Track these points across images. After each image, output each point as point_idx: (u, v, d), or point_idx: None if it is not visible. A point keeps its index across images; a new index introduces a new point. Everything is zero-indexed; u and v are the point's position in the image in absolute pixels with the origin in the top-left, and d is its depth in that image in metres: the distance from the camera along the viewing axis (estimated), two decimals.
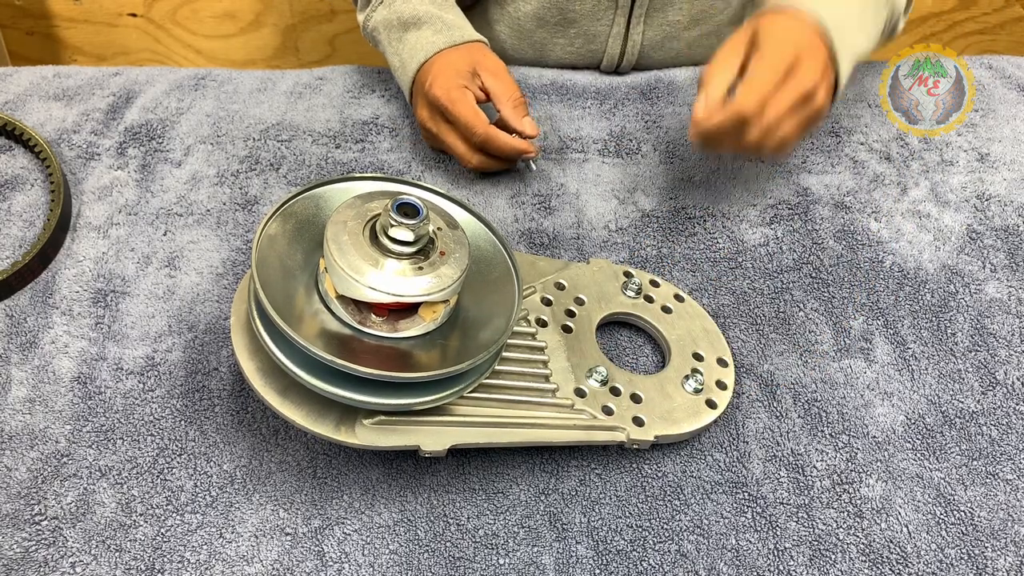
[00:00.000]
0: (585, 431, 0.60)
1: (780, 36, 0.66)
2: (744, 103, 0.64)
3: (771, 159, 0.67)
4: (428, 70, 0.77)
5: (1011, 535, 0.60)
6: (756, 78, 0.64)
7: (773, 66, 0.64)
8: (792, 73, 0.65)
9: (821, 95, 0.66)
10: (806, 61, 0.65)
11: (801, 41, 0.66)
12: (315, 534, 0.57)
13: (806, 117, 0.66)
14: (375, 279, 0.53)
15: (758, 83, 0.64)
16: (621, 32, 0.90)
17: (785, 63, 0.64)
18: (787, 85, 0.64)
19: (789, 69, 0.64)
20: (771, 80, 0.64)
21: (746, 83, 0.64)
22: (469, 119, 0.74)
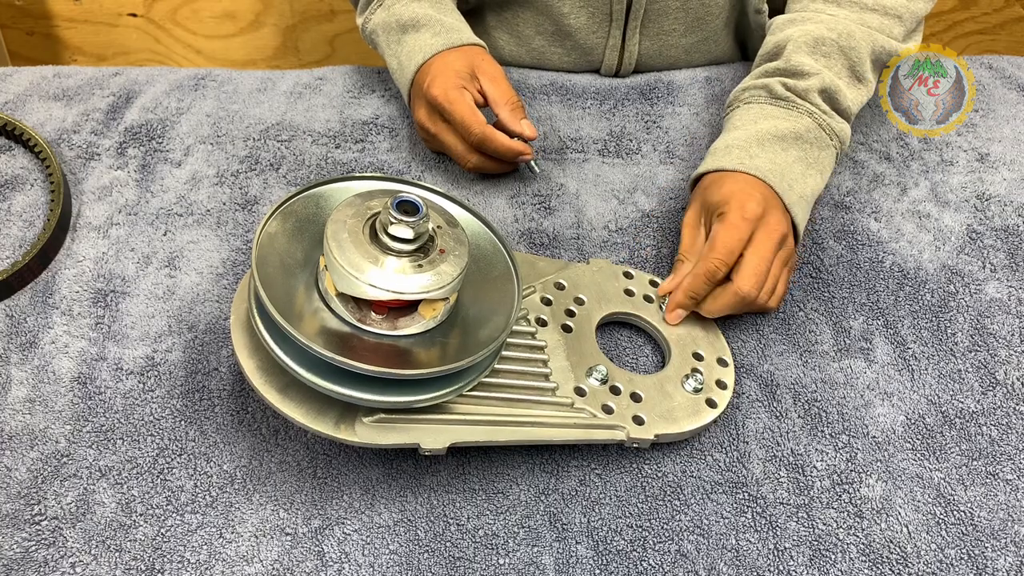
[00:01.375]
0: (585, 430, 0.60)
1: (736, 194, 0.68)
2: (712, 267, 0.66)
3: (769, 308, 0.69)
4: (427, 71, 0.77)
5: (1011, 535, 0.60)
6: (724, 239, 0.66)
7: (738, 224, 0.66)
8: (763, 221, 0.67)
9: (790, 238, 0.69)
10: (771, 211, 0.68)
11: (755, 195, 0.68)
12: (315, 534, 0.57)
13: (786, 260, 0.69)
14: (375, 277, 0.53)
15: (726, 244, 0.66)
16: (617, 44, 0.90)
17: (748, 220, 0.67)
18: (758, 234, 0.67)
19: (754, 222, 0.67)
20: (737, 237, 0.66)
21: (714, 246, 0.66)
22: (466, 118, 0.74)
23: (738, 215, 0.67)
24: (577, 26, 0.89)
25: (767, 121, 0.74)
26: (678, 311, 0.68)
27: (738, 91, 0.78)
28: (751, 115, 0.75)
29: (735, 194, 0.68)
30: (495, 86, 0.77)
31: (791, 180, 0.71)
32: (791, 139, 0.73)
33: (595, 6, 0.87)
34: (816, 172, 0.73)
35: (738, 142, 0.72)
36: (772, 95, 0.75)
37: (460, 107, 0.74)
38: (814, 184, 0.73)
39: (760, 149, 0.72)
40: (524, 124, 0.76)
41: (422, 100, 0.77)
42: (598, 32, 0.89)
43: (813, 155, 0.73)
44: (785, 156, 0.72)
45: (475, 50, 0.80)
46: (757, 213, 0.67)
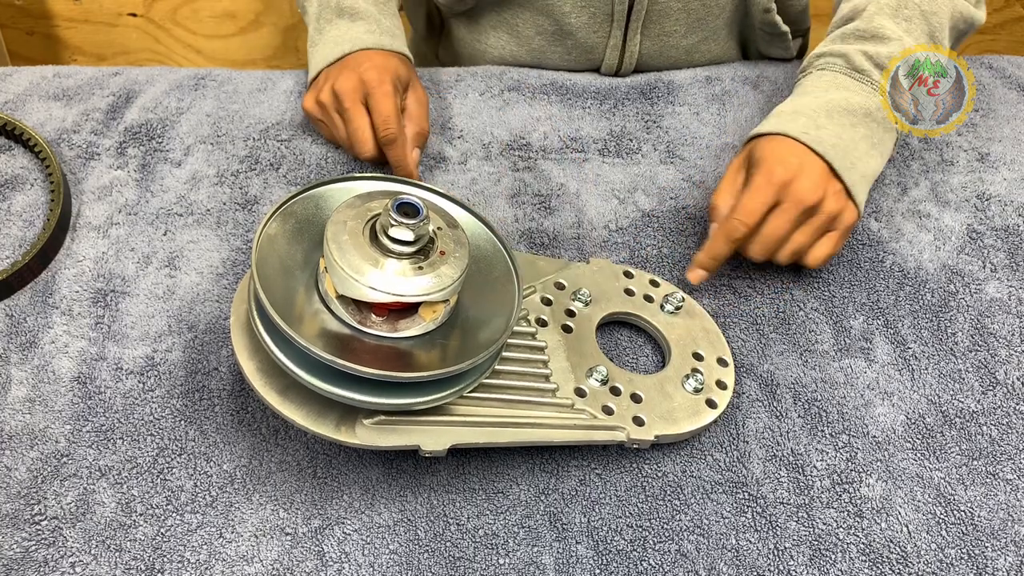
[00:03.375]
0: (585, 431, 0.60)
1: (772, 159, 0.68)
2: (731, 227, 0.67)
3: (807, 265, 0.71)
4: (368, 56, 0.77)
5: (1011, 535, 0.60)
6: (745, 202, 0.67)
7: (763, 187, 0.67)
8: (787, 191, 0.67)
9: (830, 205, 0.68)
10: (800, 179, 0.67)
11: (792, 162, 0.68)
12: (315, 534, 0.57)
13: (817, 227, 0.68)
14: (375, 279, 0.53)
15: (746, 205, 0.67)
16: (618, 44, 0.90)
17: (777, 182, 0.67)
18: (784, 203, 0.67)
19: (782, 187, 0.67)
20: (761, 200, 0.67)
21: (736, 207, 0.68)
22: (391, 113, 0.74)
23: (765, 178, 0.67)
24: (578, 25, 0.89)
25: (839, 92, 0.72)
26: (698, 271, 0.69)
27: (812, 56, 0.77)
28: (824, 82, 0.74)
29: (769, 156, 0.68)
30: (418, 108, 0.79)
31: (855, 158, 0.70)
32: (861, 115, 0.71)
33: (596, 6, 0.87)
34: (878, 154, 0.72)
35: (807, 109, 0.71)
36: (850, 64, 0.73)
37: (389, 101, 0.75)
38: (876, 165, 0.72)
39: (828, 120, 0.70)
40: (413, 156, 0.77)
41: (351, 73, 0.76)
42: (599, 32, 0.89)
43: (879, 135, 0.72)
44: (853, 133, 0.70)
45: (408, 65, 0.81)
46: (785, 178, 0.67)
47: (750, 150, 0.71)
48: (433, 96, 0.86)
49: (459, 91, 0.87)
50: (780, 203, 0.67)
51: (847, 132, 0.70)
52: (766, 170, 0.67)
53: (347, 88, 0.75)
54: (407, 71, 0.79)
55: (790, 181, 0.67)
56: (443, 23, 1.02)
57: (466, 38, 0.97)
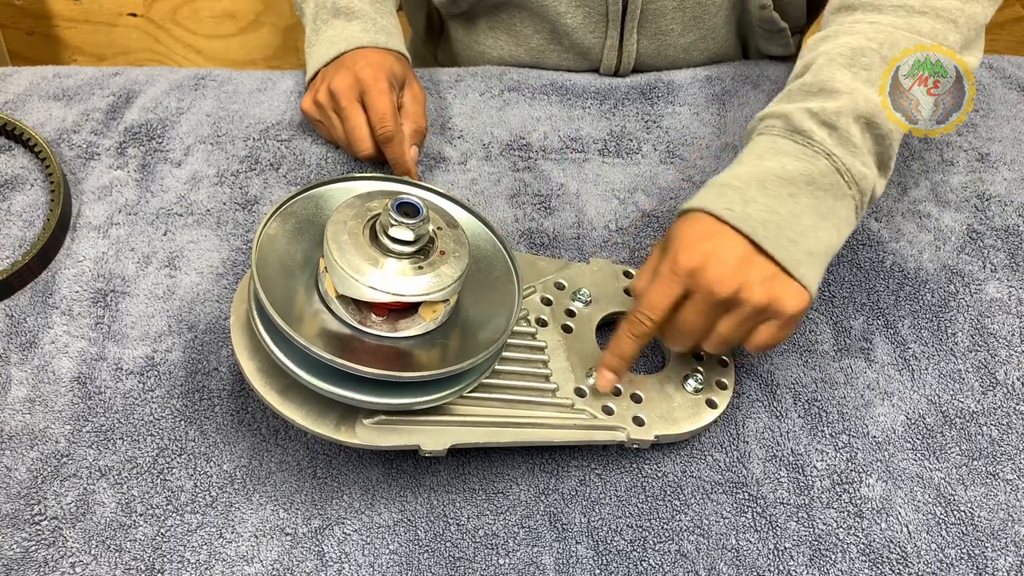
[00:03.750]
0: (585, 431, 0.60)
1: (679, 244, 0.59)
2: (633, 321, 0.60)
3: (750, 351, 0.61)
4: (364, 55, 0.77)
5: (1011, 535, 0.60)
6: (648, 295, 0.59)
7: (667, 278, 0.59)
8: (695, 281, 0.58)
9: (754, 296, 0.57)
10: (710, 267, 0.57)
11: (701, 248, 0.58)
12: (315, 534, 0.57)
13: (744, 318, 0.58)
14: (375, 279, 0.53)
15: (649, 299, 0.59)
16: (615, 44, 0.90)
17: (682, 272, 0.58)
18: (694, 295, 0.58)
19: (689, 276, 0.58)
20: (664, 292, 0.59)
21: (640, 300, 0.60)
22: (387, 111, 0.74)
23: (669, 267, 0.59)
24: (573, 26, 0.89)
25: (776, 159, 0.62)
26: (606, 373, 0.61)
27: (757, 118, 0.67)
28: (760, 148, 0.64)
29: (678, 240, 0.60)
30: (414, 106, 0.79)
31: (795, 234, 0.59)
32: (802, 183, 0.61)
33: (591, 6, 0.87)
34: (831, 225, 0.61)
35: (737, 180, 0.61)
36: (788, 125, 0.63)
37: (386, 98, 0.74)
38: (827, 238, 0.61)
39: (760, 192, 0.60)
40: (411, 154, 0.77)
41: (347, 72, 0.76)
42: (595, 32, 0.89)
43: (827, 205, 0.61)
44: (792, 205, 0.60)
45: (404, 62, 0.81)
46: (690, 266, 0.58)
47: (670, 228, 0.62)
48: (433, 96, 0.86)
49: (459, 91, 0.87)
50: (691, 294, 0.58)
51: (784, 205, 0.60)
52: (671, 258, 0.59)
53: (343, 87, 0.75)
54: (403, 68, 0.79)
55: (698, 269, 0.57)
56: (443, 25, 1.02)
57: (464, 40, 0.97)
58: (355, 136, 0.75)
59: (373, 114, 0.74)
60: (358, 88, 0.75)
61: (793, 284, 0.59)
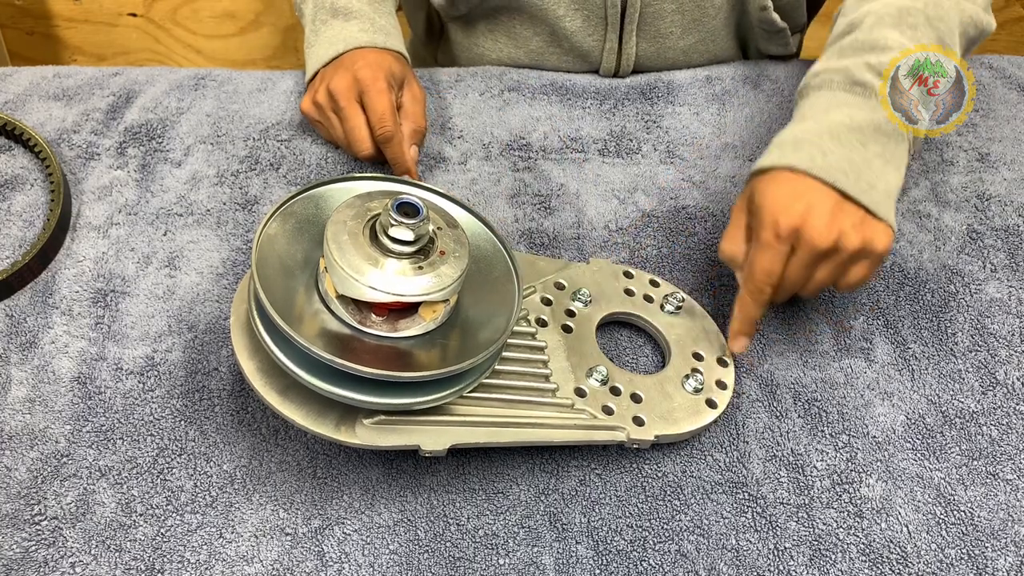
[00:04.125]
0: (585, 431, 0.60)
1: (775, 207, 0.62)
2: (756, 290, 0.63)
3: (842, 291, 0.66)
4: (362, 55, 0.77)
5: (1011, 535, 0.60)
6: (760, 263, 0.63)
7: (772, 244, 0.62)
8: (798, 238, 0.62)
9: (850, 243, 0.62)
10: (809, 223, 0.61)
11: (796, 208, 0.62)
12: (315, 534, 0.57)
13: (839, 263, 0.63)
14: (375, 279, 0.53)
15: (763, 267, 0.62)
16: (615, 47, 0.90)
17: (785, 235, 0.62)
18: (798, 251, 0.62)
19: (791, 236, 0.62)
20: (773, 258, 0.62)
21: (753, 270, 0.63)
22: (386, 111, 0.74)
23: (772, 232, 0.62)
24: (573, 29, 0.89)
25: (842, 111, 0.66)
26: (741, 339, 0.66)
27: (810, 75, 0.71)
28: (824, 102, 0.67)
29: (772, 203, 0.63)
30: (414, 106, 0.79)
31: (872, 179, 0.64)
32: (870, 131, 0.65)
33: (590, 9, 0.87)
34: (894, 168, 0.66)
35: (810, 135, 0.65)
36: (849, 79, 0.67)
37: (384, 98, 0.75)
38: (895, 180, 0.66)
39: (835, 144, 0.64)
40: (411, 153, 0.77)
41: (345, 72, 0.76)
42: (594, 35, 0.89)
43: (891, 149, 0.66)
44: (864, 152, 0.64)
45: (403, 62, 0.81)
46: (791, 227, 0.61)
47: (751, 191, 0.65)
48: (433, 96, 0.86)
49: (459, 91, 0.87)
50: (794, 251, 0.62)
51: (858, 153, 0.64)
52: (771, 222, 0.62)
53: (342, 87, 0.75)
54: (402, 68, 0.79)
55: (799, 228, 0.61)
56: (442, 27, 1.02)
57: (464, 42, 0.97)
58: (354, 136, 0.75)
59: (372, 114, 0.74)
60: (357, 88, 0.75)
61: (879, 224, 0.63)
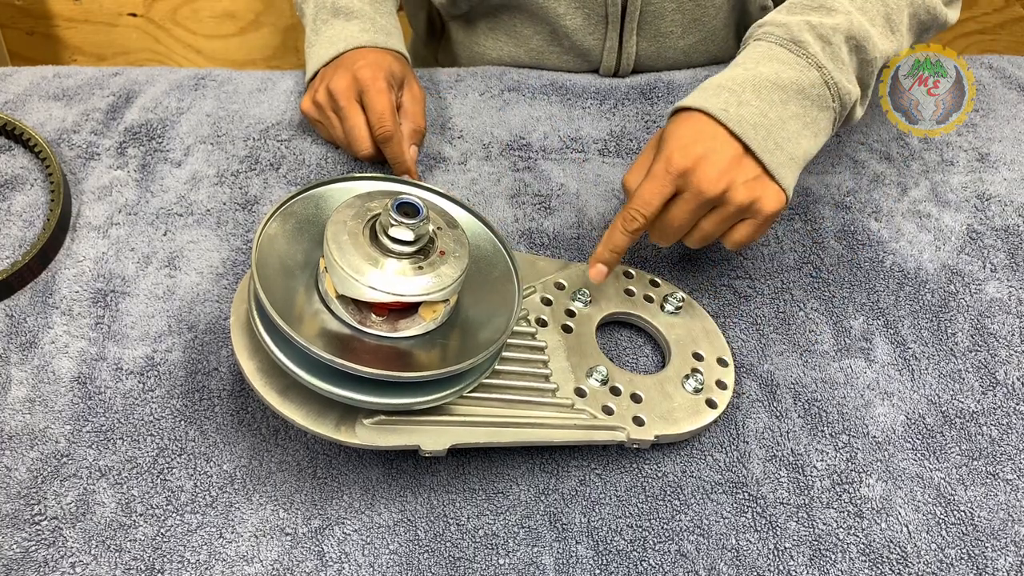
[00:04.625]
0: (585, 431, 0.60)
1: (675, 144, 0.62)
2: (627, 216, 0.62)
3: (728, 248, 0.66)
4: (362, 55, 0.78)
5: (1011, 535, 0.60)
6: (642, 191, 0.62)
7: (660, 176, 0.62)
8: (687, 180, 0.61)
9: (738, 196, 0.62)
10: (701, 167, 0.61)
11: (695, 149, 0.61)
12: (315, 534, 0.57)
13: (726, 216, 0.63)
14: (375, 279, 0.53)
15: (643, 195, 0.62)
16: (615, 46, 0.90)
17: (675, 171, 0.61)
18: (684, 193, 0.62)
19: (681, 175, 0.61)
20: (657, 190, 0.62)
21: (634, 196, 0.63)
22: (386, 110, 0.74)
23: (663, 166, 0.61)
24: (573, 28, 0.89)
25: (771, 65, 0.66)
26: (599, 266, 0.64)
27: (755, 26, 0.71)
28: (757, 54, 0.67)
29: (674, 141, 0.62)
30: (413, 105, 0.79)
31: (781, 139, 0.63)
32: (793, 91, 0.65)
33: (590, 8, 0.87)
34: (811, 134, 0.65)
35: (732, 83, 0.65)
36: (788, 35, 0.67)
37: (384, 98, 0.75)
38: (808, 146, 0.65)
39: (754, 96, 0.64)
40: (411, 153, 0.77)
41: (345, 72, 0.76)
42: (595, 34, 0.89)
43: (812, 115, 0.65)
44: (782, 111, 0.64)
45: (403, 62, 0.81)
46: (684, 166, 0.61)
47: (665, 127, 0.65)
48: (433, 96, 0.86)
49: (459, 91, 0.87)
50: (680, 192, 0.62)
51: (774, 110, 0.64)
52: (666, 157, 0.61)
53: (341, 87, 0.75)
54: (402, 68, 0.79)
55: (691, 170, 0.61)
56: (443, 26, 1.02)
57: (464, 41, 0.97)
58: (354, 136, 0.75)
59: (371, 114, 0.74)
60: (356, 88, 0.75)
61: (773, 186, 0.63)
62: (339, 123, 0.76)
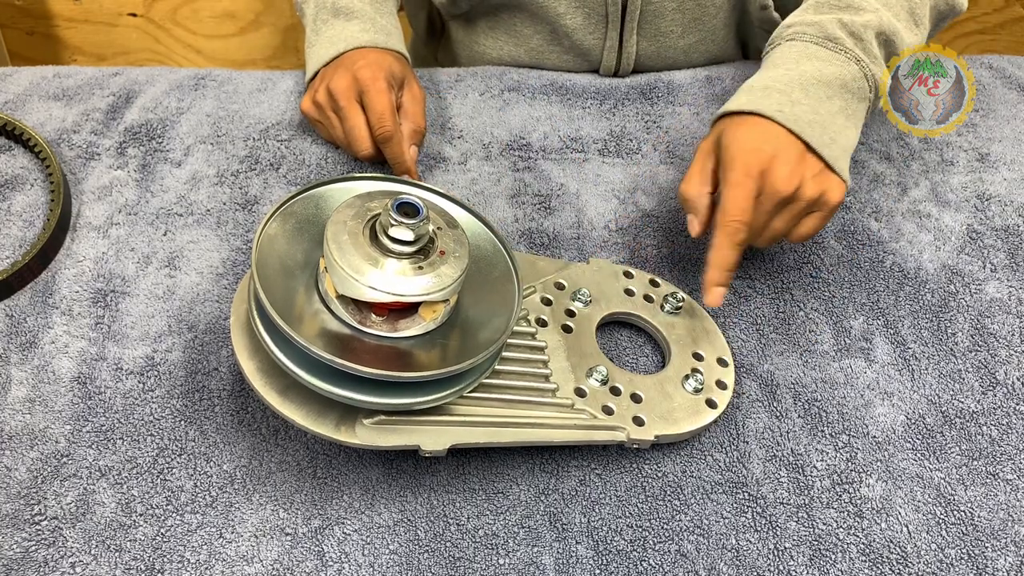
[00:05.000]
0: (585, 431, 0.60)
1: (745, 148, 0.64)
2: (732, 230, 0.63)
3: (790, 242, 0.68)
4: (362, 55, 0.78)
5: (1011, 535, 0.60)
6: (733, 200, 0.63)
7: (743, 182, 0.63)
8: (764, 181, 0.63)
9: (808, 191, 0.64)
10: (775, 168, 0.63)
11: (765, 149, 0.63)
12: (315, 534, 0.57)
13: (796, 213, 0.65)
14: (375, 279, 0.53)
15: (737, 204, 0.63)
16: (615, 45, 0.90)
17: (755, 174, 0.63)
18: (760, 195, 0.63)
19: (760, 177, 0.63)
20: (746, 195, 0.63)
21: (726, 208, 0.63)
22: (386, 110, 0.74)
23: (742, 171, 0.63)
24: (573, 27, 0.89)
25: (812, 63, 0.68)
26: (715, 290, 0.64)
27: (783, 27, 0.73)
28: (795, 53, 0.69)
29: (742, 144, 0.64)
30: (413, 106, 0.79)
31: (833, 133, 0.66)
32: (837, 87, 0.67)
33: (590, 7, 0.87)
34: (853, 125, 0.69)
35: (779, 83, 0.67)
36: (822, 33, 0.69)
37: (384, 98, 0.75)
38: (853, 136, 0.68)
39: (804, 94, 0.66)
40: (411, 153, 0.77)
41: (345, 72, 0.76)
42: (595, 33, 0.89)
43: (853, 106, 0.69)
44: (829, 106, 0.67)
45: (404, 62, 0.81)
46: (760, 168, 0.63)
47: (720, 133, 0.66)
48: (433, 96, 0.86)
49: (459, 91, 0.87)
50: (757, 194, 0.64)
51: (823, 106, 0.67)
52: (742, 162, 0.63)
53: (341, 87, 0.75)
54: (402, 68, 0.79)
55: (766, 170, 0.63)
56: (443, 26, 1.02)
57: (464, 40, 0.97)
58: (354, 136, 0.75)
59: (371, 114, 0.74)
60: (356, 88, 0.75)
61: (835, 178, 0.66)
62: (339, 123, 0.76)
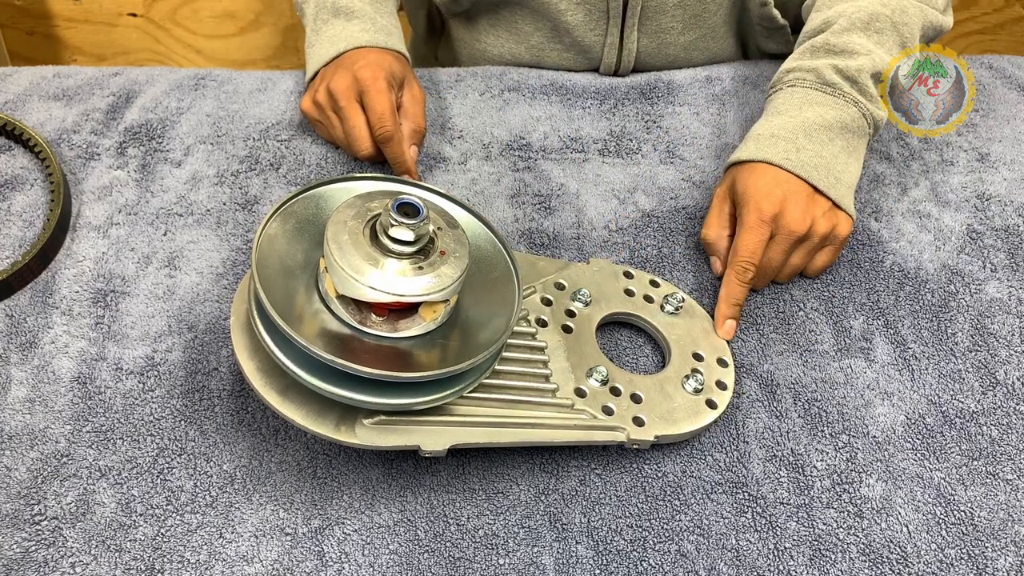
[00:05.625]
0: (585, 431, 0.60)
1: (758, 194, 0.69)
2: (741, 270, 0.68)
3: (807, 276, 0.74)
4: (362, 54, 0.78)
5: (1011, 535, 0.60)
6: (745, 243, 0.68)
7: (757, 226, 0.68)
8: (777, 224, 0.69)
9: (820, 228, 0.70)
10: (788, 210, 0.69)
11: (776, 194, 0.69)
12: (315, 534, 0.57)
13: (810, 249, 0.71)
14: (375, 279, 0.53)
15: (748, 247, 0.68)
16: (615, 42, 0.90)
17: (768, 219, 0.68)
18: (776, 236, 0.69)
19: (773, 221, 0.69)
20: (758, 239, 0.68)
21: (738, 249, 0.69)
22: (386, 110, 0.74)
23: (756, 216, 0.68)
24: (574, 24, 0.89)
25: (814, 109, 0.73)
26: (729, 323, 0.69)
27: (782, 72, 0.78)
28: (797, 100, 0.74)
29: (755, 191, 0.69)
30: (413, 106, 0.79)
31: (838, 173, 0.71)
32: (837, 129, 0.72)
33: (592, 3, 0.87)
34: (855, 160, 0.74)
35: (784, 131, 0.72)
36: (820, 79, 0.74)
37: (384, 98, 0.75)
38: (855, 171, 0.74)
39: (808, 140, 0.71)
40: (411, 153, 0.77)
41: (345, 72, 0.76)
42: (595, 30, 0.89)
43: (853, 144, 0.74)
44: (832, 147, 0.72)
45: (404, 62, 0.81)
46: (773, 212, 0.68)
47: (732, 180, 0.72)
48: (433, 96, 0.86)
49: (459, 91, 0.87)
50: (773, 236, 0.69)
51: (826, 149, 0.72)
52: (755, 207, 0.69)
53: (341, 87, 0.75)
54: (402, 68, 0.79)
55: (779, 213, 0.68)
56: (443, 24, 1.02)
57: (465, 38, 0.97)
58: (354, 136, 0.75)
59: (371, 114, 0.74)
60: (357, 88, 0.75)
61: (842, 214, 0.72)
62: (339, 123, 0.76)
